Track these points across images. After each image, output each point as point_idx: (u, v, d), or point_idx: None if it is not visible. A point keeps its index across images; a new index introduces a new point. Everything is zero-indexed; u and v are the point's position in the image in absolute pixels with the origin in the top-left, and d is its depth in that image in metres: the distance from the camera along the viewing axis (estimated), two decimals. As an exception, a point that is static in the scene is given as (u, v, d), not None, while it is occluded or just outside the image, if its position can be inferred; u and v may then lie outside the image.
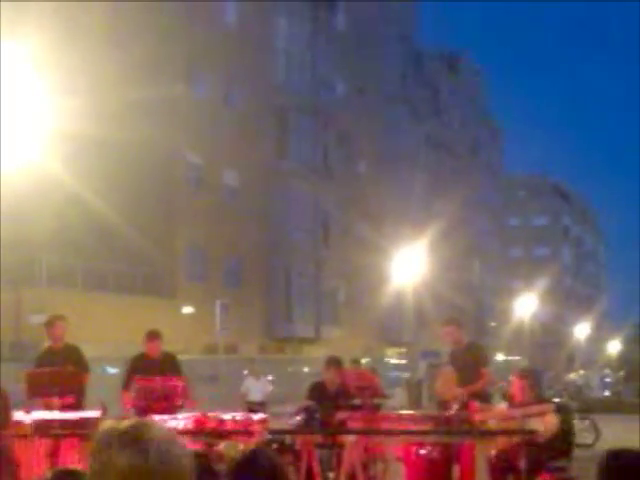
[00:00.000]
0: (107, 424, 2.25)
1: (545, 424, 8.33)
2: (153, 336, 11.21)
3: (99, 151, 30.39)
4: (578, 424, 18.85)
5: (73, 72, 28.44)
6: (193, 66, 38.58)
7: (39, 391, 9.94)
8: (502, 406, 11.59)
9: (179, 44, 36.95)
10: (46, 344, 11.39)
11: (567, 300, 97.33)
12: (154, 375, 10.24)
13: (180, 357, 11.93)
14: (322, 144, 47.11)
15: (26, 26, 22.44)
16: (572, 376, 48.02)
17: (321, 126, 46.36)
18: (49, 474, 3.07)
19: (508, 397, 9.83)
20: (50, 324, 11.25)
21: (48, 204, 28.02)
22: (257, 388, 21.48)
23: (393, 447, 8.55)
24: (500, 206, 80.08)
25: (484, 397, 10.72)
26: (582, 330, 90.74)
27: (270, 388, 22.25)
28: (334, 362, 11.23)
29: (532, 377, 9.62)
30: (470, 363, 10.73)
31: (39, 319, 26.01)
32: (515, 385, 9.50)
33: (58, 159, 24.34)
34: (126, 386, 11.02)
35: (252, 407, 19.27)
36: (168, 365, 11.05)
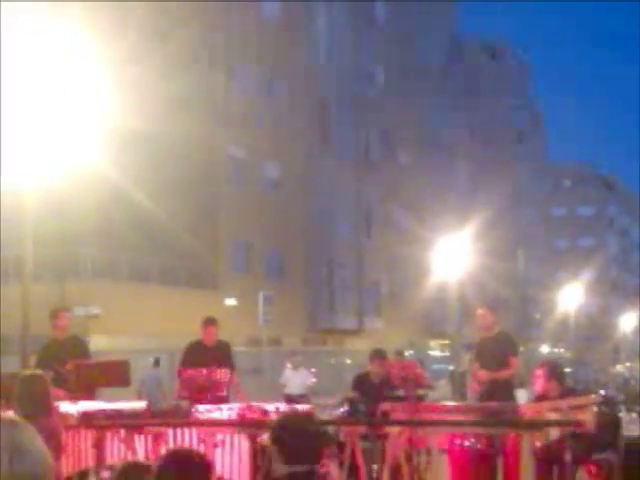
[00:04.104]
0: None
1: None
2: (209, 322, 11.28)
3: (141, 144, 30.55)
4: (624, 416, 18.68)
5: (118, 65, 28.62)
6: (234, 58, 38.67)
7: (86, 382, 9.98)
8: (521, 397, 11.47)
9: (219, 36, 37.05)
10: (52, 336, 10.95)
11: (613, 291, 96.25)
12: (206, 362, 10.20)
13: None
14: (364, 135, 47.03)
15: (71, 19, 22.61)
16: (618, 368, 47.44)
17: (362, 117, 46.25)
18: (120, 466, 3.08)
19: (536, 391, 9.62)
20: (54, 315, 10.86)
21: (92, 198, 28.24)
22: (296, 380, 21.12)
23: (437, 438, 8.48)
24: (545, 196, 79.34)
25: (508, 387, 10.57)
26: (628, 321, 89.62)
27: (312, 380, 21.93)
28: (379, 354, 11.34)
29: (550, 367, 9.38)
30: (498, 352, 10.61)
31: (83, 311, 26.31)
32: (535, 376, 9.34)
33: (102, 153, 24.49)
34: (179, 374, 10.79)
35: (291, 399, 18.90)
36: (221, 353, 11.04)
